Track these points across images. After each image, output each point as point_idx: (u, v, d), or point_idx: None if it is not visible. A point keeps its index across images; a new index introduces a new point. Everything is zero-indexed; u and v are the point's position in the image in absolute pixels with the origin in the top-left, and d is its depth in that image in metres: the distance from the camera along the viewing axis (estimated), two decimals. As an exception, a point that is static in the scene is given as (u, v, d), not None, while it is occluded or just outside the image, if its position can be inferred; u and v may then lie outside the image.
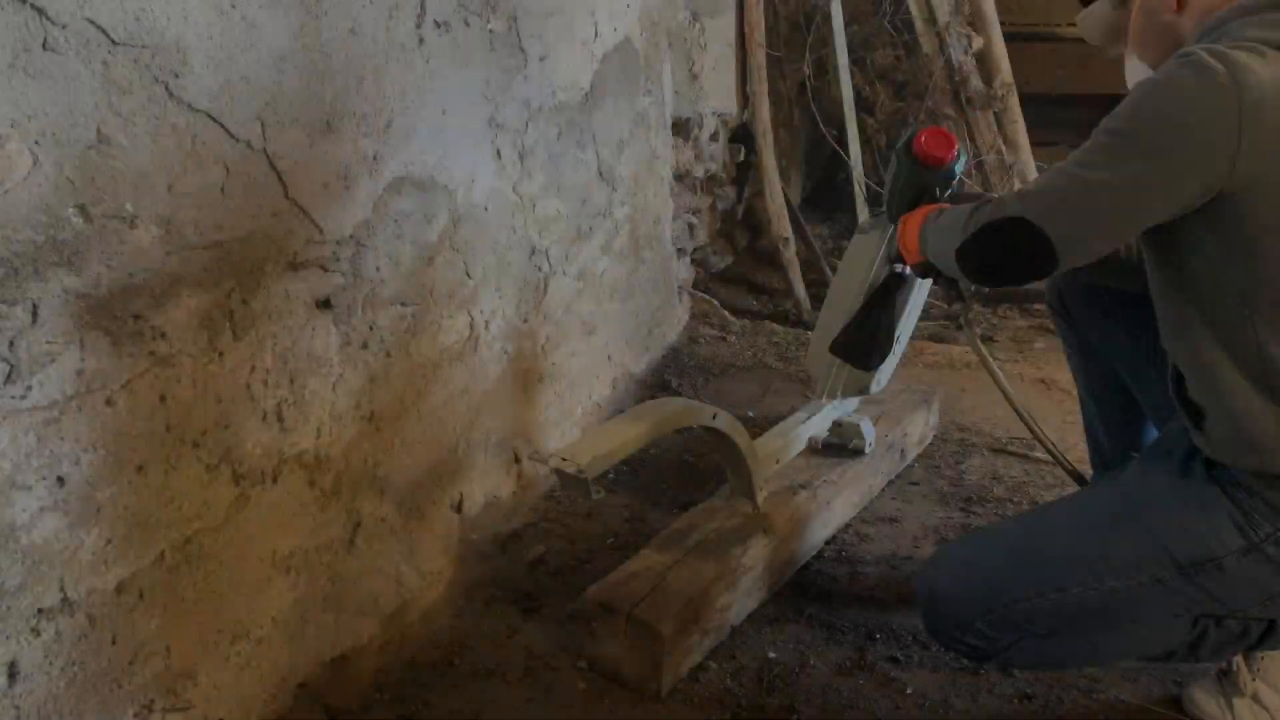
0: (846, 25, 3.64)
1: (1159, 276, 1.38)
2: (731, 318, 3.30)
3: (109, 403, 1.23)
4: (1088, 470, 1.90)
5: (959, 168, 1.71)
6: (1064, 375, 2.30)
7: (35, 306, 1.12)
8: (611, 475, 2.35)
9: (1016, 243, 1.33)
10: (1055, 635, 1.45)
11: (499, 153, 2.03)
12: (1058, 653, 1.50)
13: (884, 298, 1.88)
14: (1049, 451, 1.75)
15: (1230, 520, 1.31)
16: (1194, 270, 1.30)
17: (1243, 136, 1.18)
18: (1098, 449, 1.90)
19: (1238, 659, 1.54)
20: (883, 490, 2.30)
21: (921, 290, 2.11)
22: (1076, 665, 1.62)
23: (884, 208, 1.80)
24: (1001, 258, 1.38)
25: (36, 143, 1.10)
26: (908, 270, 1.85)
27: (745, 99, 3.48)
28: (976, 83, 3.50)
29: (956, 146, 1.70)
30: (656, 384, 2.85)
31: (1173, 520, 1.35)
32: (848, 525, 2.16)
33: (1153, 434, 1.76)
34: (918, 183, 1.70)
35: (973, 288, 1.85)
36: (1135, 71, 1.48)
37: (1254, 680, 1.52)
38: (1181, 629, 1.44)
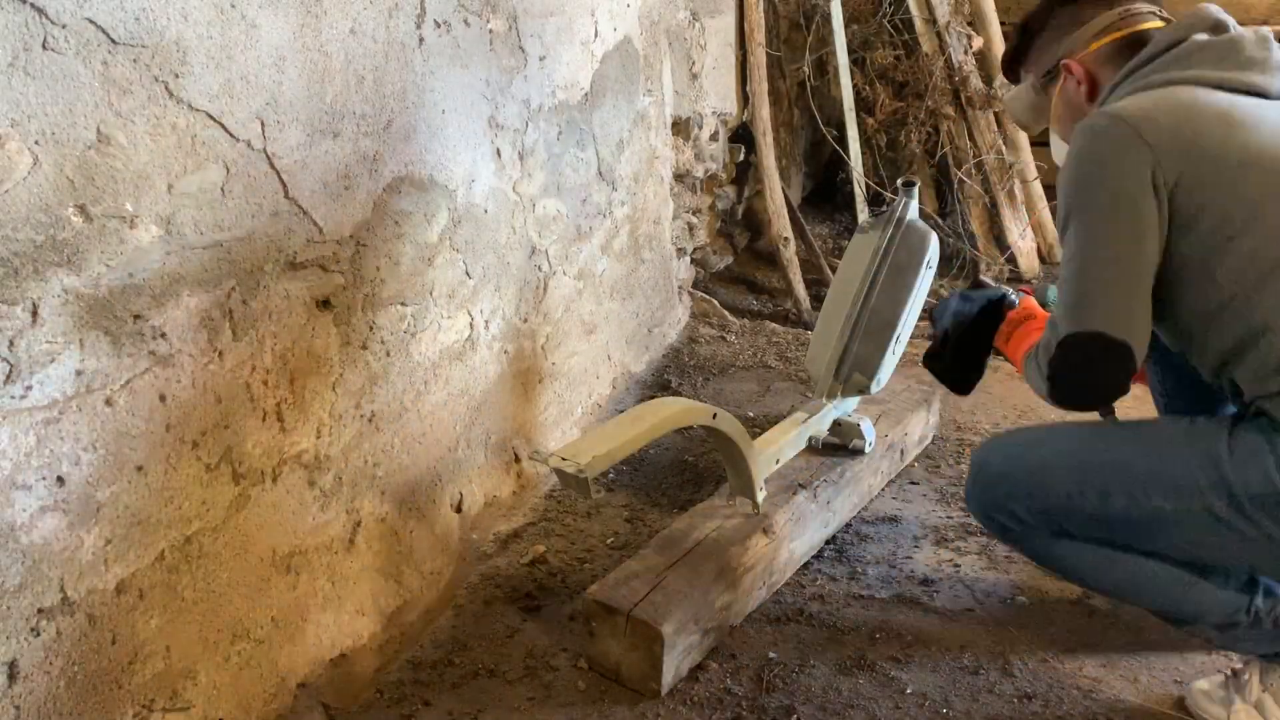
0: (846, 25, 3.64)
1: (1173, 326, 1.45)
2: (731, 318, 3.30)
3: (109, 403, 1.23)
4: None
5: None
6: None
7: (35, 306, 1.12)
8: (611, 475, 2.35)
9: (1085, 356, 1.38)
10: (1087, 545, 1.48)
11: (499, 152, 2.03)
12: (1086, 564, 1.52)
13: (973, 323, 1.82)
14: None
15: None
16: (1189, 284, 1.38)
17: (1151, 145, 1.35)
18: None
19: (1252, 666, 1.54)
20: (883, 490, 2.30)
21: (921, 290, 2.11)
22: (1092, 586, 1.60)
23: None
24: (1086, 376, 1.41)
25: (36, 142, 1.10)
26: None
27: (745, 99, 3.48)
28: (976, 83, 3.50)
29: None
30: (656, 384, 2.85)
31: (1238, 451, 1.35)
32: (848, 525, 2.16)
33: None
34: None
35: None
36: (1058, 147, 1.65)
37: (1263, 691, 1.52)
38: (1220, 602, 1.45)
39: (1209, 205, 1.34)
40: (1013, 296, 1.77)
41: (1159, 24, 1.52)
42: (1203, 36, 1.44)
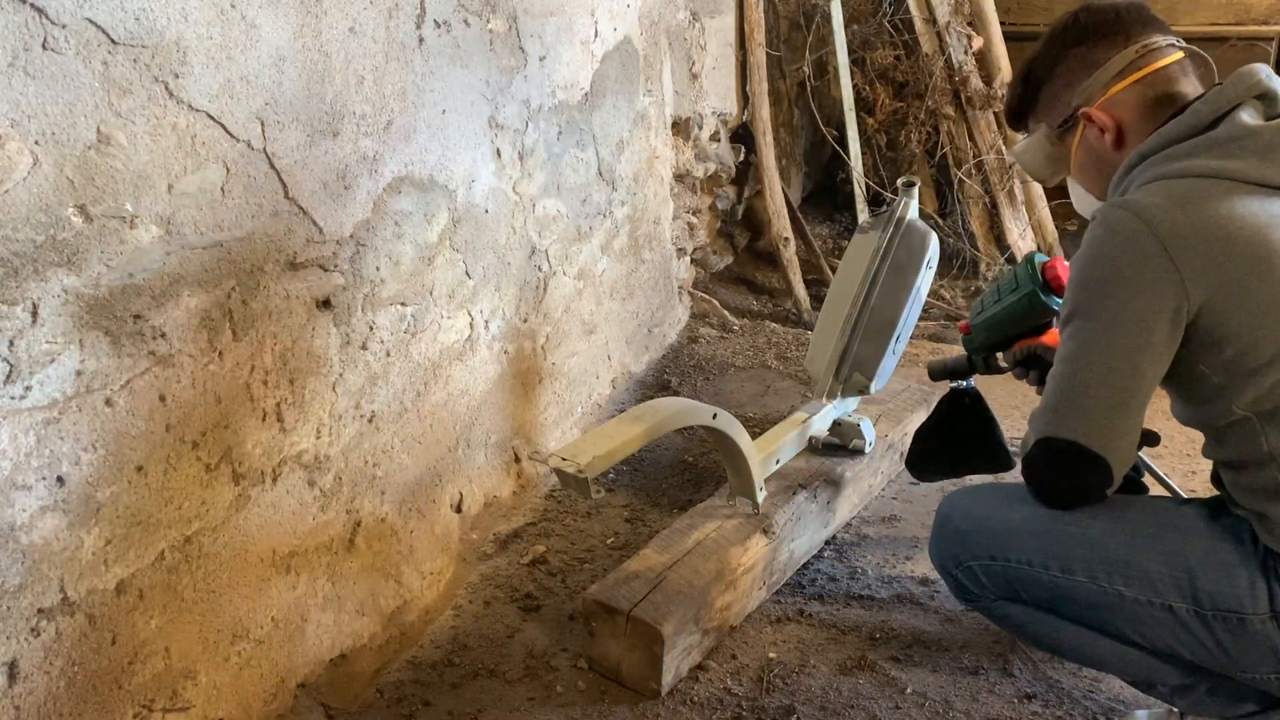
0: (846, 25, 3.64)
1: (1183, 405, 1.40)
2: (731, 318, 3.30)
3: (109, 403, 1.23)
4: None
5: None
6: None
7: (35, 306, 1.12)
8: (611, 475, 2.35)
9: (1059, 463, 1.36)
10: (1044, 613, 1.45)
11: (499, 152, 2.03)
12: (1038, 629, 1.49)
13: (956, 418, 1.85)
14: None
15: (1267, 582, 1.29)
16: (1202, 396, 1.33)
17: (1178, 266, 1.25)
18: None
19: None
20: (883, 490, 2.30)
21: (921, 290, 2.11)
22: (1050, 650, 1.59)
23: (978, 323, 1.74)
24: (1057, 483, 1.39)
25: (36, 143, 1.10)
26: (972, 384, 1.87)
27: (745, 99, 3.48)
28: (976, 83, 3.50)
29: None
30: (656, 384, 2.85)
31: (1213, 560, 1.31)
32: (848, 525, 2.16)
33: None
34: (1041, 311, 1.66)
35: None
36: (1081, 197, 1.55)
37: None
38: (1176, 669, 1.41)
39: (1234, 335, 1.26)
40: (964, 385, 1.82)
41: (1179, 56, 1.40)
42: (1248, 115, 1.30)
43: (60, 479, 1.18)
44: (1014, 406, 2.72)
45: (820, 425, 2.16)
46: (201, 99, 1.30)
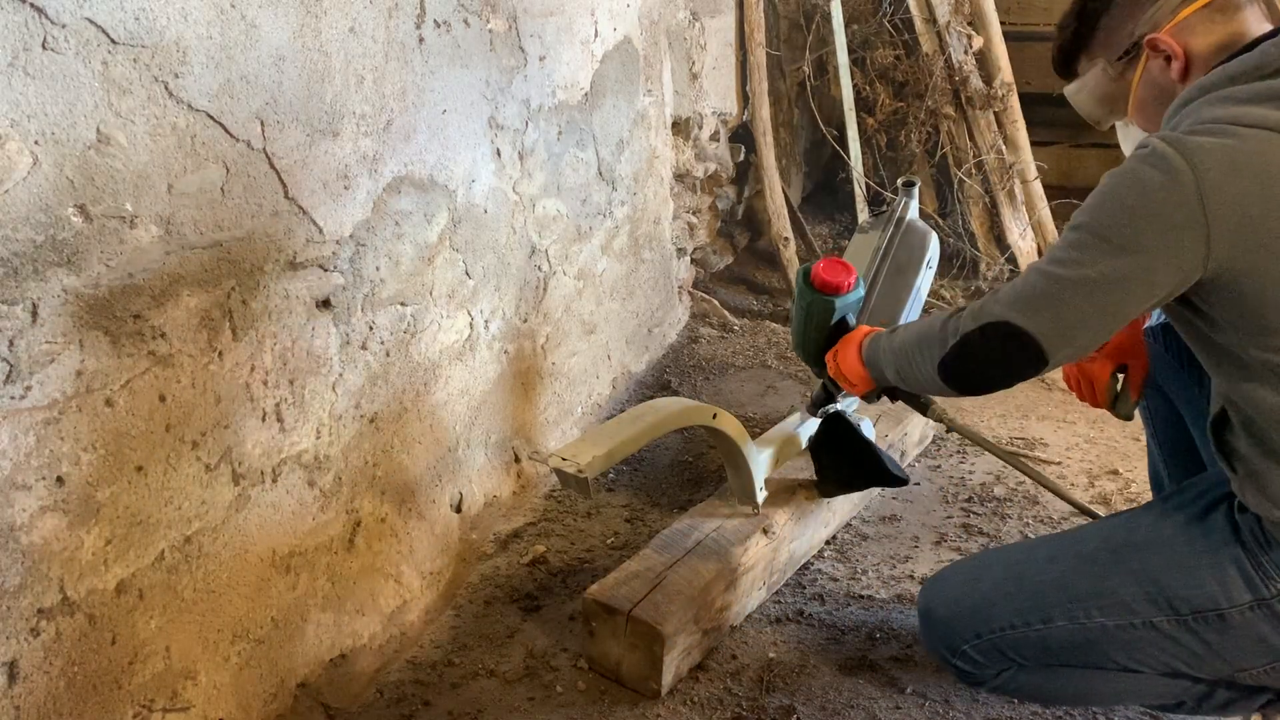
0: (846, 25, 3.64)
1: (1190, 341, 1.35)
2: (731, 318, 3.30)
3: (109, 403, 1.23)
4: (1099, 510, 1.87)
5: (859, 294, 1.71)
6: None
7: (35, 306, 1.12)
8: (611, 475, 2.35)
9: (1004, 347, 1.31)
10: (1044, 670, 1.43)
11: (499, 152, 2.03)
12: (1048, 688, 1.47)
13: (833, 442, 1.97)
14: (1058, 494, 1.74)
15: (1240, 572, 1.28)
16: (1216, 339, 1.28)
17: (1209, 220, 1.18)
18: (1159, 492, 1.81)
19: (1255, 716, 1.48)
20: (883, 490, 2.30)
21: (921, 290, 2.11)
22: (1071, 704, 1.58)
23: (796, 349, 1.78)
24: (990, 364, 1.35)
25: (36, 143, 1.10)
26: (846, 404, 1.95)
27: (745, 99, 3.48)
28: (976, 83, 3.50)
29: (855, 274, 1.69)
30: (656, 384, 2.85)
31: (1176, 564, 1.31)
32: (848, 525, 2.16)
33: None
34: (827, 312, 1.68)
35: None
36: (1133, 137, 1.46)
37: None
38: (1188, 682, 1.39)
39: (1258, 293, 1.20)
40: (832, 410, 1.94)
41: None
42: None
43: (60, 479, 1.18)
44: (1015, 406, 2.72)
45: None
46: (201, 99, 1.30)
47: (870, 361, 1.56)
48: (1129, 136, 1.49)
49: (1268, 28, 1.32)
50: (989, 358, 1.34)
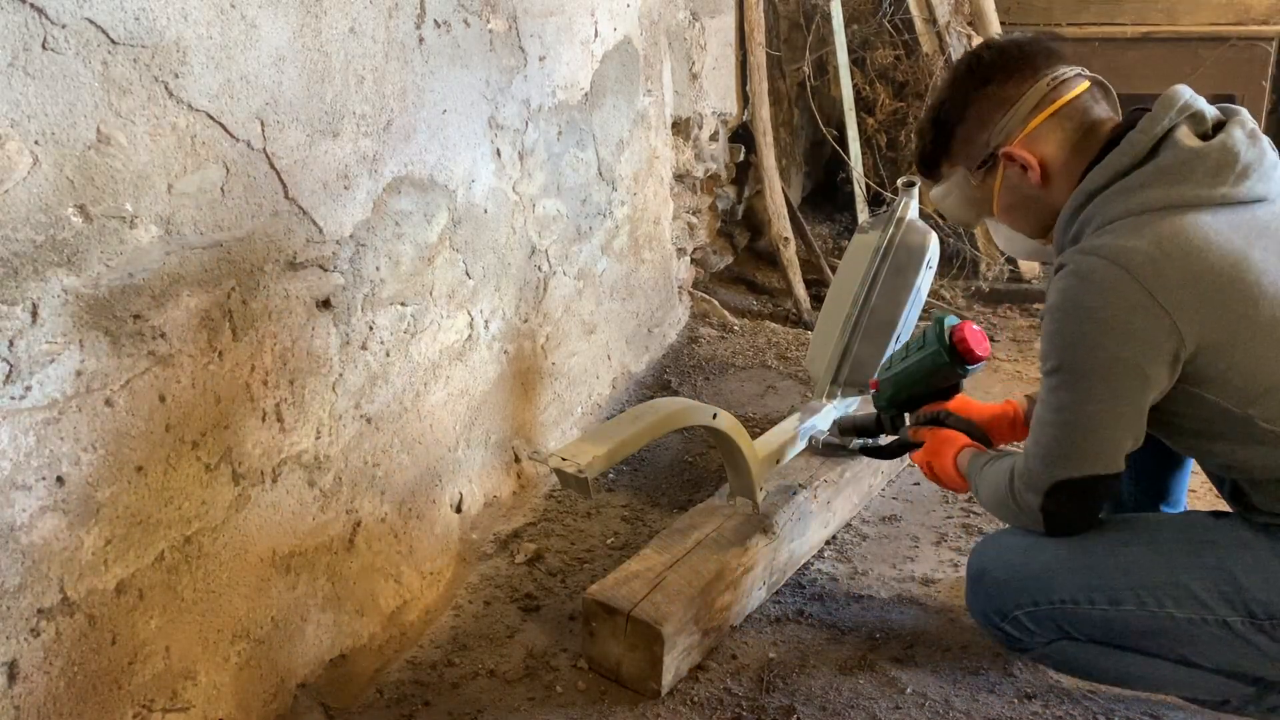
0: (846, 25, 3.64)
1: (1180, 434, 1.39)
2: (731, 318, 3.30)
3: (109, 403, 1.23)
4: None
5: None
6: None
7: (35, 306, 1.12)
8: (611, 475, 2.35)
9: (1078, 498, 1.37)
10: (1097, 647, 1.43)
11: (499, 152, 2.03)
12: (1096, 665, 1.47)
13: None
14: None
15: None
16: (1217, 421, 1.31)
17: (1169, 311, 1.23)
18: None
19: None
20: (883, 490, 2.30)
21: (921, 290, 2.11)
22: (1110, 683, 1.56)
23: (884, 385, 1.75)
24: (1078, 516, 1.41)
25: (36, 143, 1.10)
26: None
27: (745, 99, 3.48)
28: (976, 83, 3.50)
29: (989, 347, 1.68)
30: (656, 384, 2.85)
31: (1259, 568, 1.31)
32: (848, 525, 2.16)
33: (1183, 487, 1.70)
34: (953, 380, 1.66)
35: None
36: (1009, 237, 1.53)
37: None
38: (1235, 684, 1.39)
39: (1237, 365, 1.26)
40: (868, 444, 1.92)
41: (1087, 85, 1.39)
42: (1185, 135, 1.29)
43: (60, 479, 1.18)
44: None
45: (820, 425, 2.16)
46: (201, 99, 1.30)
47: (968, 477, 1.58)
48: (1000, 230, 1.54)
49: (1112, 116, 1.38)
50: (1075, 513, 1.40)
